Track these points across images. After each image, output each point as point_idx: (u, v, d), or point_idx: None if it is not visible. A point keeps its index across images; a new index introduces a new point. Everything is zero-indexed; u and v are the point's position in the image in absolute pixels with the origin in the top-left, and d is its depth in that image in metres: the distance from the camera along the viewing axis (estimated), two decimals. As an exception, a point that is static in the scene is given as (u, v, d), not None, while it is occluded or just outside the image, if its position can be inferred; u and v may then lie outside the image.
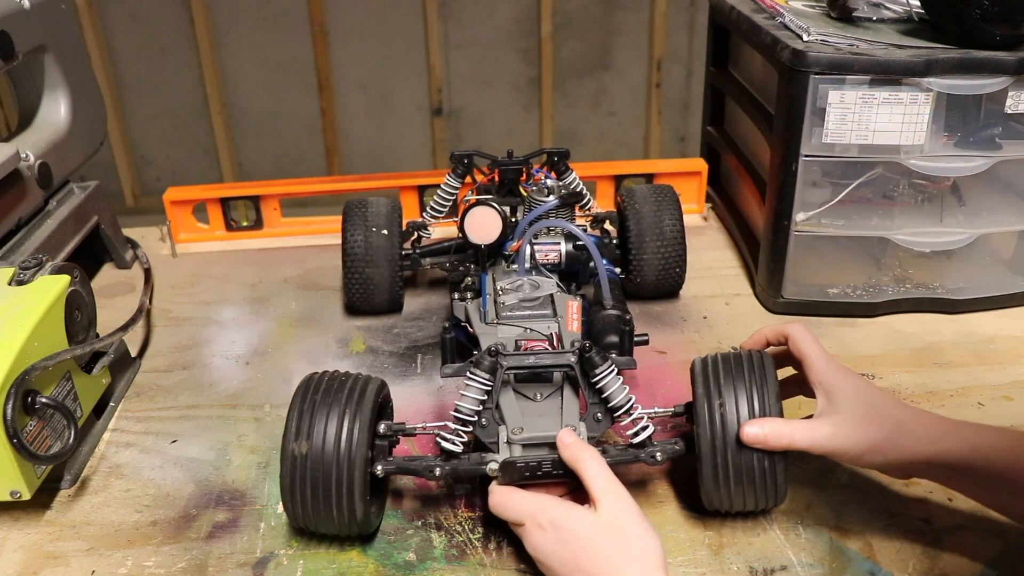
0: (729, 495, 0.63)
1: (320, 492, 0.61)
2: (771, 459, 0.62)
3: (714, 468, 0.62)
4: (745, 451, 0.61)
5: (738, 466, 0.62)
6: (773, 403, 0.62)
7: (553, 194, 0.87)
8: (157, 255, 1.11)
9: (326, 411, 0.62)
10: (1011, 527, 0.65)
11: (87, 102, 1.04)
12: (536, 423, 0.64)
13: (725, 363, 0.65)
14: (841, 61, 0.82)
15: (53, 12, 0.97)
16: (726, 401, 0.62)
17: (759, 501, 0.64)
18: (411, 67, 2.69)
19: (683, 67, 2.75)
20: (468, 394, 0.64)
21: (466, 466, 0.64)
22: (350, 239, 0.91)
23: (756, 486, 0.62)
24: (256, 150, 2.79)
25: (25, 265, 0.73)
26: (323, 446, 0.61)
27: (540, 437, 0.63)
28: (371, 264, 0.90)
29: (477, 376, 0.64)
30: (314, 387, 0.64)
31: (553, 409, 0.65)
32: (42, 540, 0.67)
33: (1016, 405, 0.80)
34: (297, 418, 0.62)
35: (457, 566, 0.64)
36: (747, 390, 0.63)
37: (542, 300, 0.76)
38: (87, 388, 0.74)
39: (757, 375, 0.64)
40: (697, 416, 0.63)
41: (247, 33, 2.62)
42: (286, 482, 0.62)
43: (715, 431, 0.62)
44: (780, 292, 0.95)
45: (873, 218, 0.91)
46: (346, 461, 0.61)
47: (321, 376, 0.66)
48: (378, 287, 0.92)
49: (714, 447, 0.62)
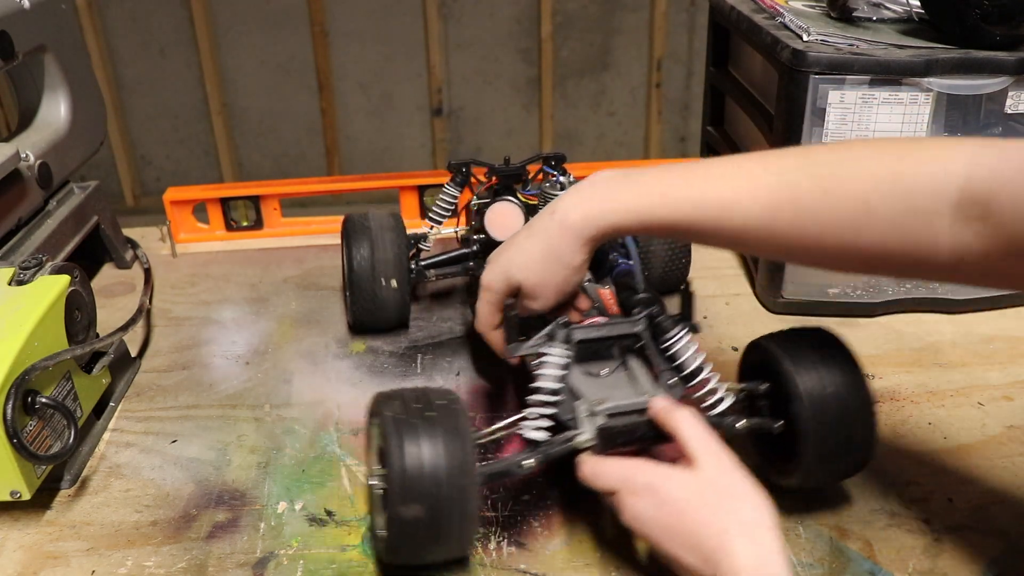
0: (829, 469, 0.64)
1: (437, 538, 0.57)
2: (868, 426, 0.63)
3: (820, 442, 0.62)
4: (845, 421, 0.62)
5: (840, 437, 0.62)
6: (854, 368, 0.63)
7: (567, 188, 0.87)
8: (157, 255, 1.11)
9: (430, 439, 0.56)
10: (1012, 527, 0.66)
11: (87, 102, 1.04)
12: (612, 395, 0.62)
13: (794, 336, 0.66)
14: (841, 61, 0.82)
15: (53, 12, 0.97)
16: (823, 373, 0.62)
17: (854, 468, 0.65)
18: (411, 67, 2.69)
19: (683, 67, 2.75)
20: (547, 372, 0.62)
21: (556, 448, 0.61)
22: (355, 250, 0.87)
23: (853, 454, 0.63)
24: (256, 150, 2.79)
25: (25, 265, 0.73)
26: (436, 479, 0.55)
27: (624, 406, 0.61)
28: (380, 280, 0.87)
29: (556, 350, 0.63)
30: (402, 413, 0.58)
31: (621, 382, 0.64)
32: (42, 540, 0.67)
33: (1016, 405, 0.80)
34: (399, 448, 0.55)
35: (457, 566, 0.64)
36: (828, 355, 0.63)
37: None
38: (87, 388, 0.74)
39: (825, 341, 0.65)
40: (797, 390, 0.62)
41: (247, 33, 2.62)
42: (394, 539, 0.57)
43: (816, 405, 0.62)
44: (780, 292, 0.95)
45: (873, 218, 0.91)
46: (460, 503, 0.56)
47: (400, 397, 0.59)
48: (387, 302, 0.88)
49: (819, 422, 0.62)
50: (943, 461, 0.73)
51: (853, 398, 0.62)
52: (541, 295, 0.65)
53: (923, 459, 0.73)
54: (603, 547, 0.65)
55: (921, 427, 0.77)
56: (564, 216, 0.62)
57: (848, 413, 0.62)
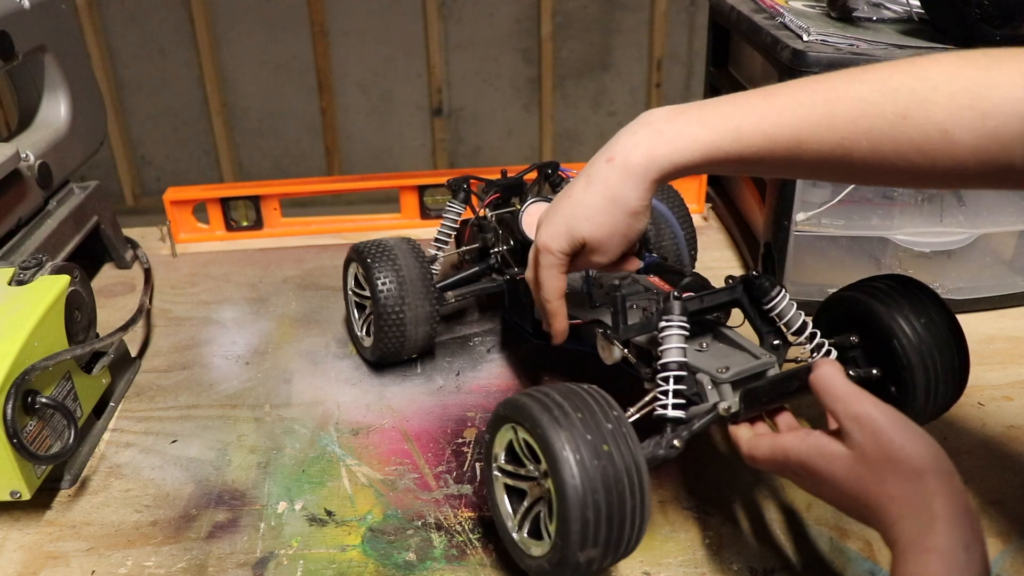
0: (936, 400, 0.66)
1: (615, 522, 0.53)
2: (962, 352, 0.66)
3: (927, 377, 0.65)
4: (946, 352, 0.65)
5: (944, 368, 0.65)
6: (940, 307, 0.66)
7: None
8: (157, 255, 1.11)
9: (595, 435, 0.52)
10: (1012, 527, 0.66)
11: (87, 102, 1.04)
12: (730, 363, 0.62)
13: (880, 283, 0.68)
14: (841, 61, 0.82)
15: (53, 12, 0.97)
16: (909, 312, 0.65)
17: (950, 399, 0.68)
18: (411, 67, 2.69)
19: (683, 67, 2.75)
20: (672, 344, 0.60)
21: (701, 421, 0.59)
22: (381, 281, 0.81)
23: (954, 382, 0.67)
24: (256, 150, 2.79)
25: (25, 265, 0.73)
26: (605, 472, 0.52)
27: (746, 370, 0.61)
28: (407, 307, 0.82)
29: (675, 321, 0.61)
30: (558, 409, 0.54)
31: (725, 351, 0.64)
32: (42, 540, 0.67)
33: (1016, 405, 0.80)
34: (571, 445, 0.52)
35: (457, 566, 0.64)
36: (918, 299, 0.66)
37: (630, 279, 0.75)
38: (87, 388, 0.74)
39: (912, 286, 0.67)
40: (899, 330, 0.65)
41: (247, 33, 2.62)
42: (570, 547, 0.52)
43: (920, 340, 0.64)
44: (780, 292, 0.95)
45: (873, 218, 0.91)
46: (638, 482, 0.53)
47: (553, 395, 0.55)
48: (415, 328, 0.83)
49: (923, 355, 0.64)
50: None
51: (946, 332, 0.65)
52: (607, 248, 0.62)
53: (923, 459, 0.73)
54: (603, 547, 0.65)
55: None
56: (625, 159, 0.58)
57: (946, 351, 0.65)
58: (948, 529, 0.46)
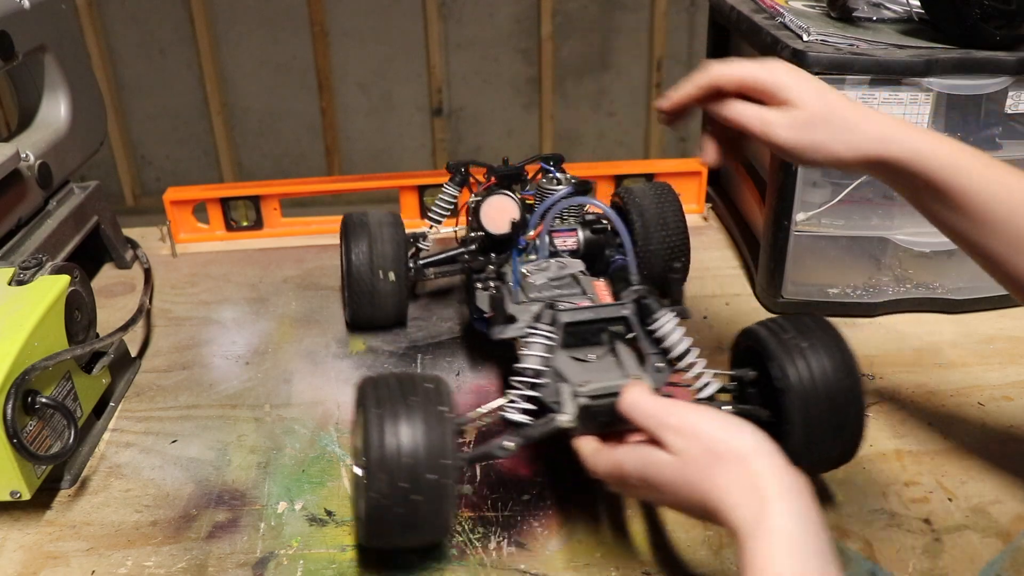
0: (816, 453, 0.63)
1: (416, 508, 0.56)
2: (856, 408, 0.62)
3: (806, 425, 0.62)
4: (833, 403, 0.62)
5: (828, 420, 0.62)
6: (847, 351, 0.63)
7: (564, 184, 0.87)
8: (157, 255, 1.11)
9: (410, 421, 0.56)
10: (1012, 527, 0.66)
11: (87, 102, 1.04)
12: (596, 378, 0.62)
13: (787, 323, 0.65)
14: (841, 61, 0.82)
15: (53, 12, 0.97)
16: (808, 355, 0.62)
17: (843, 454, 0.65)
18: (411, 67, 2.69)
19: (683, 67, 2.75)
20: (531, 352, 0.63)
21: (537, 429, 0.61)
22: (354, 248, 0.88)
23: (842, 439, 0.63)
24: (256, 150, 2.79)
25: (25, 265, 0.73)
26: (415, 460, 0.55)
27: (607, 387, 0.61)
28: (377, 277, 0.88)
29: (540, 330, 0.63)
30: (385, 396, 0.58)
31: (608, 366, 0.64)
32: (42, 540, 0.67)
33: (1016, 405, 0.80)
34: (379, 431, 0.56)
35: (457, 566, 0.64)
36: (820, 343, 0.63)
37: (569, 279, 0.75)
38: (87, 388, 0.74)
39: (820, 328, 0.64)
40: (784, 372, 0.62)
41: (247, 33, 2.62)
42: (373, 504, 0.56)
43: (804, 386, 0.61)
44: (780, 292, 0.95)
45: (873, 218, 0.91)
46: (441, 473, 0.56)
47: (386, 381, 0.60)
48: (385, 298, 0.89)
49: (806, 403, 0.61)
50: (943, 461, 0.73)
51: (842, 388, 0.62)
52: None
53: (923, 459, 0.73)
54: (603, 547, 0.65)
55: (921, 427, 0.77)
56: None
57: (837, 404, 0.62)
58: (781, 508, 0.47)
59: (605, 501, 0.69)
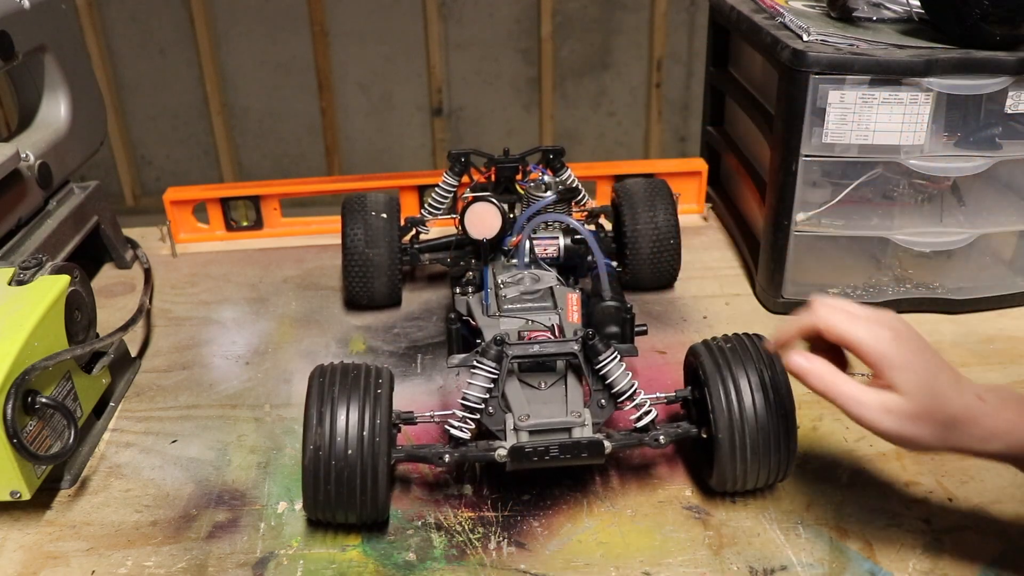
0: (744, 471, 0.65)
1: (344, 480, 0.62)
2: (785, 431, 0.64)
3: (731, 443, 0.64)
4: (760, 425, 0.63)
5: (754, 441, 0.63)
6: (780, 377, 0.65)
7: (550, 190, 0.87)
8: (157, 255, 1.11)
9: (346, 401, 0.63)
10: (1012, 527, 0.66)
11: (87, 102, 1.04)
12: (541, 410, 0.65)
13: (726, 343, 0.68)
14: (841, 61, 0.82)
15: (53, 12, 0.97)
16: (738, 376, 0.64)
17: (771, 475, 0.66)
18: (411, 67, 2.69)
19: (683, 67, 2.75)
20: (475, 382, 0.65)
21: (474, 453, 0.65)
22: (349, 225, 0.92)
23: (771, 460, 0.64)
24: (256, 150, 2.79)
25: (25, 265, 0.73)
26: (347, 435, 0.62)
27: (546, 423, 0.64)
28: (371, 245, 0.91)
29: (484, 364, 0.65)
30: (329, 378, 0.65)
31: (557, 397, 0.66)
32: (42, 540, 0.67)
33: (1016, 405, 0.79)
34: (318, 408, 0.63)
35: (457, 566, 0.64)
36: (755, 365, 0.65)
37: (542, 292, 0.77)
38: (87, 388, 0.74)
39: (757, 352, 0.66)
40: (711, 393, 0.64)
41: (247, 33, 2.62)
42: (308, 472, 0.62)
43: (731, 406, 0.64)
44: (780, 292, 0.95)
45: (873, 218, 0.91)
46: (370, 450, 0.62)
47: (334, 367, 0.66)
48: (378, 270, 0.92)
49: (731, 422, 0.63)
50: (943, 461, 0.73)
51: (771, 410, 0.64)
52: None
53: (923, 459, 0.73)
54: (603, 547, 0.65)
55: (921, 427, 0.77)
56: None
57: (764, 426, 0.64)
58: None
59: (605, 501, 0.69)
